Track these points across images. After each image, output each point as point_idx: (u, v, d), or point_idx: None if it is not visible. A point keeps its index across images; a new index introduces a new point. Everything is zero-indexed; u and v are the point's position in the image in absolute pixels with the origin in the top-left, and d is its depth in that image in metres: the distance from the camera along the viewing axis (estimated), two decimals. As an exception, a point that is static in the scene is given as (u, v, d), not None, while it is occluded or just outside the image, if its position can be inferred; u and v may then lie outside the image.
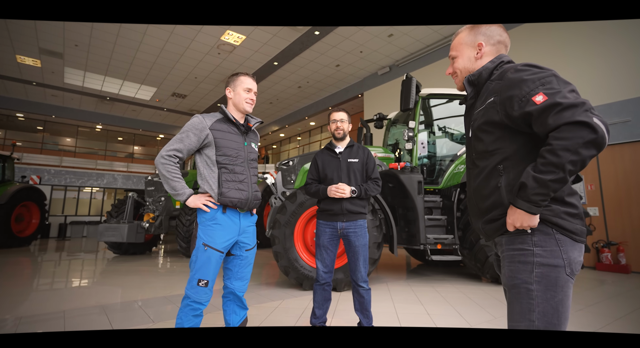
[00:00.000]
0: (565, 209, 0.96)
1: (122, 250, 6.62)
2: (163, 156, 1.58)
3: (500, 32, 1.15)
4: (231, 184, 1.63)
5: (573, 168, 0.86)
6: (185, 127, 1.63)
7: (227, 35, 8.38)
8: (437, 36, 8.19)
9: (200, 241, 1.58)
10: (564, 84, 0.92)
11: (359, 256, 2.13)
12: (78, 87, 11.81)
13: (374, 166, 2.27)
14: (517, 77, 0.98)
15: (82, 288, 4.13)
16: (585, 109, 0.85)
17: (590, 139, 0.83)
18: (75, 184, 13.39)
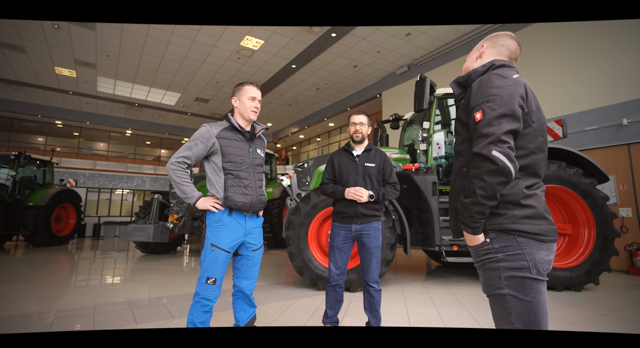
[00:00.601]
0: (522, 213, 0.99)
1: (149, 249, 6.98)
2: (173, 163, 1.70)
3: (507, 39, 1.17)
4: (236, 189, 1.72)
5: (484, 193, 0.95)
6: (194, 136, 1.75)
7: (246, 40, 8.61)
8: (457, 33, 8.02)
9: (208, 242, 1.69)
10: (504, 105, 0.96)
11: (372, 257, 2.16)
12: (109, 94, 12.52)
13: (392, 171, 2.28)
14: (477, 85, 1.05)
15: (114, 285, 4.41)
16: (489, 142, 0.93)
17: (492, 170, 0.92)
18: (107, 187, 14.19)
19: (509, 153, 0.93)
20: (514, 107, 0.96)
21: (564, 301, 3.30)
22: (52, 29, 8.07)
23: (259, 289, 3.80)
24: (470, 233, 1.03)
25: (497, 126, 0.94)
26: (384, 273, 3.55)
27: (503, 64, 1.11)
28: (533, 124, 1.03)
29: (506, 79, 1.01)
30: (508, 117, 0.95)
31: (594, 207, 3.77)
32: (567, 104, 6.06)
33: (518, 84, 1.01)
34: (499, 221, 1.00)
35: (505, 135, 0.94)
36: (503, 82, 1.00)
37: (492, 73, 1.05)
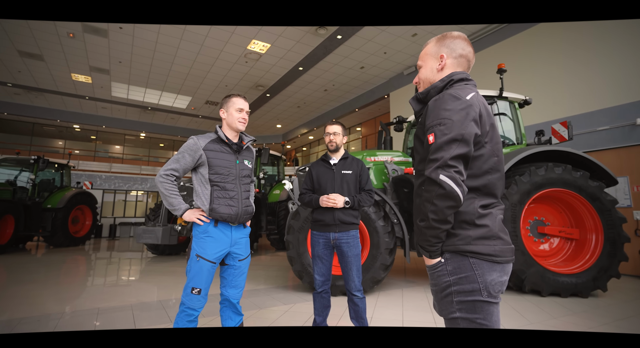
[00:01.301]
0: (477, 233, 0.98)
1: (159, 251, 7.17)
2: (161, 175, 1.74)
3: (464, 46, 1.12)
4: (222, 200, 1.76)
5: (435, 217, 0.95)
6: (182, 148, 1.78)
7: (253, 44, 8.72)
8: (464, 33, 7.88)
9: (194, 252, 1.73)
10: (454, 130, 0.95)
11: (352, 266, 2.18)
12: (123, 99, 12.89)
13: (368, 178, 2.35)
14: (432, 106, 1.03)
15: (124, 287, 4.56)
16: (438, 166, 0.93)
17: (440, 194, 0.93)
18: (122, 188, 14.61)
19: (456, 178, 0.92)
20: (464, 132, 0.95)
21: (567, 309, 3.22)
22: (68, 37, 8.38)
23: (260, 292, 3.86)
24: (428, 256, 1.03)
25: (447, 151, 0.94)
26: (383, 277, 3.55)
27: (461, 79, 1.08)
28: (486, 145, 1.01)
29: (459, 101, 0.98)
30: (458, 142, 0.94)
31: (601, 211, 3.66)
32: (577, 104, 5.88)
33: (471, 106, 0.98)
34: (454, 242, 1.00)
35: (453, 160, 0.93)
36: (456, 104, 0.98)
37: (447, 93, 1.02)
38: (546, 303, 3.40)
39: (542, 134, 4.47)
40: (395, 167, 4.36)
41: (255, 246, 9.28)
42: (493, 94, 4.32)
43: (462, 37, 1.13)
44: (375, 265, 3.48)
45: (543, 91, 6.31)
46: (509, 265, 1.01)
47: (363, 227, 3.60)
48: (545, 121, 6.18)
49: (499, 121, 4.39)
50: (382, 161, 4.52)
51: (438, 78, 1.13)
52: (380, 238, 3.50)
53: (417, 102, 1.17)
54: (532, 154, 3.87)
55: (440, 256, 1.02)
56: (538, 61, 6.41)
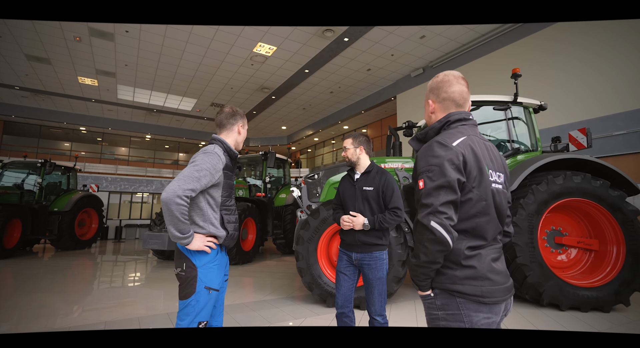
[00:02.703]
0: (463, 273, 1.01)
1: (165, 256, 7.13)
2: (181, 197, 1.38)
3: (447, 88, 1.15)
4: (231, 225, 1.63)
5: (426, 259, 1.00)
6: (204, 164, 1.48)
7: (259, 47, 8.65)
8: (474, 34, 7.75)
9: (202, 285, 1.49)
10: (441, 176, 0.99)
11: (373, 289, 2.05)
12: (129, 101, 12.91)
13: (393, 193, 2.09)
14: (422, 153, 1.08)
15: (131, 297, 4.50)
16: (429, 212, 0.98)
17: (431, 239, 0.97)
18: (128, 190, 14.64)
19: (445, 224, 0.96)
20: (450, 179, 0.99)
21: (587, 324, 3.09)
22: (74, 41, 8.38)
23: (267, 304, 3.78)
24: (418, 289, 1.10)
25: (436, 197, 0.98)
26: (395, 290, 3.45)
27: (458, 119, 1.12)
28: (474, 190, 1.04)
29: (445, 149, 1.03)
30: (445, 188, 0.99)
31: (623, 222, 3.52)
32: (593, 108, 5.72)
33: (456, 153, 1.02)
34: (441, 280, 1.05)
35: (443, 206, 0.98)
36: (441, 152, 1.02)
37: (434, 140, 1.07)
38: (566, 318, 3.27)
39: (558, 140, 4.33)
40: (406, 174, 4.25)
41: (260, 249, 9.21)
42: (507, 100, 4.20)
43: (446, 79, 1.15)
44: (388, 277, 3.37)
45: (557, 94, 6.15)
46: (498, 306, 1.03)
47: (375, 238, 3.50)
48: (558, 124, 6.03)
49: (512, 127, 4.27)
50: (392, 168, 4.41)
51: (433, 121, 1.20)
52: (392, 250, 3.39)
53: (417, 142, 1.22)
54: (547, 163, 3.74)
55: (429, 290, 1.08)
56: (552, 62, 6.26)
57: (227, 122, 1.71)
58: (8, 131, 14.61)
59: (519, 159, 4.10)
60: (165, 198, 1.38)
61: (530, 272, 3.43)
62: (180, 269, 1.53)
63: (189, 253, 1.51)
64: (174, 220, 1.40)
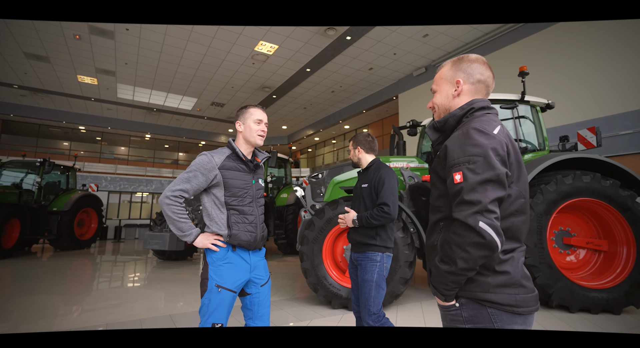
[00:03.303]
0: (496, 280, 0.90)
1: (166, 256, 7.05)
2: (169, 197, 1.51)
3: (483, 70, 1.04)
4: (241, 226, 1.58)
5: (465, 265, 0.86)
6: (193, 165, 1.55)
7: (260, 45, 8.58)
8: (477, 33, 7.70)
9: (213, 283, 1.51)
10: (487, 169, 0.87)
11: (362, 290, 1.95)
12: (129, 100, 12.83)
13: (382, 188, 1.98)
14: (456, 142, 0.94)
15: (132, 298, 4.43)
16: (476, 211, 0.84)
17: (477, 242, 0.84)
18: (128, 190, 14.56)
19: (496, 226, 0.84)
20: (499, 173, 0.87)
21: (598, 326, 3.03)
22: (74, 39, 8.30)
23: (271, 305, 3.70)
24: (442, 299, 0.96)
25: (483, 193, 0.85)
26: (402, 292, 3.38)
27: (482, 107, 1.01)
28: (513, 185, 0.93)
29: (487, 137, 0.90)
30: (493, 183, 0.86)
31: (633, 222, 3.47)
32: (599, 107, 5.67)
33: (500, 143, 0.90)
34: (470, 288, 0.92)
35: (492, 204, 0.85)
36: (483, 140, 0.89)
37: (472, 127, 0.93)
38: (576, 320, 3.21)
39: (566, 139, 4.28)
40: (411, 174, 4.19)
41: (262, 250, 9.14)
42: (514, 98, 4.14)
43: (480, 60, 1.05)
44: (395, 278, 3.31)
45: (562, 93, 6.10)
46: (532, 316, 0.92)
47: (381, 239, 3.43)
48: (564, 124, 5.97)
49: (519, 126, 4.21)
50: (397, 167, 4.35)
51: (455, 105, 1.06)
52: (399, 251, 3.33)
53: (435, 131, 1.09)
54: (556, 162, 3.68)
55: (454, 300, 0.95)
56: (556, 61, 6.21)
57: (235, 125, 1.73)
58: (6, 130, 14.51)
59: (527, 158, 4.04)
60: (159, 201, 1.55)
61: (540, 273, 3.37)
62: (202, 267, 1.62)
63: (206, 252, 1.59)
64: (169, 219, 1.53)
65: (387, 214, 1.90)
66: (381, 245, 1.97)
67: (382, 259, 1.96)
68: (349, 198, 3.61)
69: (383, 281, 1.96)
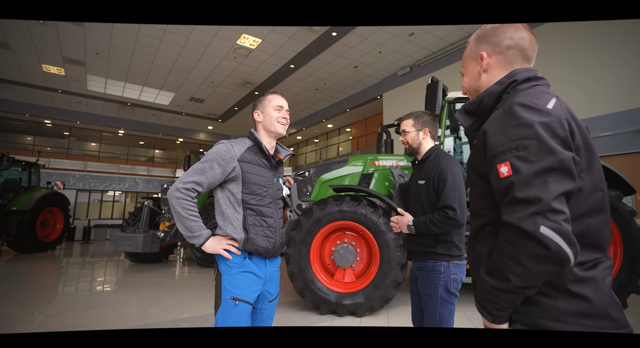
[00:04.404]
0: (570, 306, 0.67)
1: (139, 259, 6.62)
2: (179, 189, 1.29)
3: (511, 33, 0.83)
4: (258, 229, 1.37)
5: (522, 283, 0.65)
6: (209, 155, 1.35)
7: (242, 39, 8.26)
8: (462, 34, 7.73)
9: (228, 295, 1.30)
10: (545, 154, 0.64)
11: (426, 307, 1.63)
12: (100, 93, 12.08)
13: (444, 188, 1.60)
14: (498, 123, 0.72)
15: (101, 304, 4.05)
16: (535, 212, 0.62)
17: (539, 254, 0.62)
18: (98, 188, 13.75)
19: (565, 231, 0.61)
20: (562, 157, 0.64)
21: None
22: (38, 25, 7.65)
23: (255, 311, 3.47)
24: (490, 320, 0.75)
25: (542, 188, 0.63)
26: (394, 295, 3.24)
27: (528, 78, 0.79)
28: (584, 175, 0.70)
29: (539, 112, 0.67)
30: (556, 172, 0.64)
31: (619, 222, 3.49)
32: (578, 109, 5.79)
33: (559, 119, 0.67)
34: (531, 312, 0.70)
35: (557, 201, 0.62)
36: (535, 117, 0.67)
37: (516, 104, 0.70)
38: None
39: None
40: (401, 172, 4.06)
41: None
42: (504, 97, 4.11)
43: (506, 24, 0.84)
44: (386, 282, 3.16)
45: (544, 95, 6.19)
46: None
47: (372, 241, 3.27)
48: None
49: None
50: (387, 166, 4.22)
51: (484, 84, 0.87)
52: (391, 253, 3.18)
53: (467, 115, 0.88)
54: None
55: (507, 323, 0.74)
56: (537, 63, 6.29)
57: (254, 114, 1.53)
58: (-39, 122, 13.35)
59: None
60: (168, 194, 1.32)
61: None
62: (215, 277, 1.42)
63: (218, 258, 1.39)
64: (177, 215, 1.32)
65: (453, 220, 1.53)
66: (444, 253, 1.62)
67: (446, 269, 1.61)
68: (338, 197, 3.43)
69: (452, 297, 1.60)
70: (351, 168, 4.16)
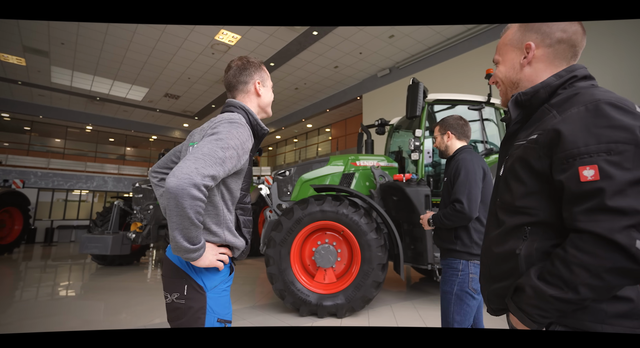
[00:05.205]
0: (614, 309, 0.67)
1: (107, 261, 6.25)
2: (198, 186, 0.88)
3: (565, 25, 0.79)
4: (247, 232, 1.17)
5: (591, 294, 0.62)
6: (232, 139, 0.99)
7: (221, 34, 8.04)
8: (440, 38, 7.92)
9: (214, 318, 1.05)
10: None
11: (441, 303, 1.66)
12: (66, 87, 11.38)
13: (457, 181, 1.66)
14: (582, 121, 0.67)
15: (60, 312, 3.77)
16: (631, 225, 0.58)
17: (624, 268, 0.59)
18: (63, 187, 12.95)
19: None
20: None
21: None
22: (-5, 9, 7.06)
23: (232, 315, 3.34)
24: (529, 326, 0.72)
25: (638, 199, 0.59)
26: (374, 295, 3.23)
27: (587, 76, 0.77)
28: None
29: (633, 116, 0.64)
30: None
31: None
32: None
33: None
34: (577, 315, 0.69)
35: None
36: (631, 120, 0.63)
37: (605, 103, 0.66)
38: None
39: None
40: (382, 173, 4.08)
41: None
42: (481, 100, 4.22)
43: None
44: (367, 282, 3.15)
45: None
46: None
47: (354, 241, 3.25)
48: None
49: (484, 128, 4.30)
50: (368, 166, 4.22)
51: (525, 77, 0.82)
52: (372, 253, 3.17)
53: (517, 107, 0.82)
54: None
55: (544, 327, 0.72)
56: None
57: (236, 80, 1.17)
58: None
59: (491, 159, 4.12)
60: (176, 187, 0.86)
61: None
62: (177, 295, 1.03)
63: (192, 270, 1.04)
64: (184, 223, 0.89)
65: (460, 212, 1.58)
66: (463, 250, 1.64)
67: (465, 268, 1.62)
68: (319, 197, 3.38)
69: (467, 296, 1.59)
70: (332, 167, 4.13)
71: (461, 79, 7.51)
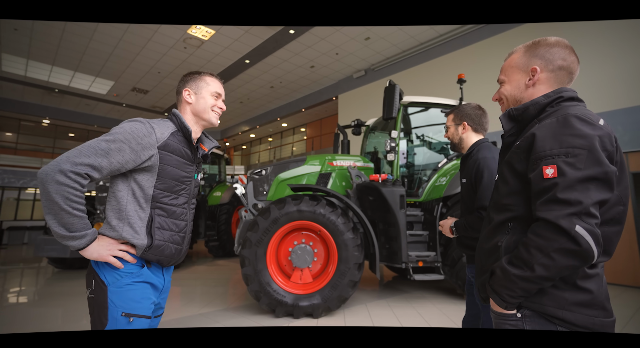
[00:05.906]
0: (575, 297, 0.79)
1: (66, 265, 5.83)
2: (65, 172, 0.94)
3: (565, 54, 0.93)
4: (166, 234, 1.14)
5: (545, 273, 0.75)
6: (120, 134, 1.05)
7: (194, 28, 7.77)
8: (413, 42, 8.14)
9: (118, 312, 1.05)
10: (592, 164, 0.75)
11: (484, 311, 1.55)
12: (20, 76, 10.51)
13: (480, 185, 1.47)
14: (551, 130, 0.82)
15: (10, 320, 3.46)
16: (573, 213, 0.73)
17: (569, 249, 0.73)
18: (15, 185, 11.96)
19: (597, 234, 0.72)
20: (608, 170, 0.74)
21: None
22: (-63, -13, 6.37)
23: (205, 319, 3.23)
24: (502, 306, 0.85)
25: (584, 193, 0.73)
26: (350, 295, 3.24)
27: (572, 97, 0.90)
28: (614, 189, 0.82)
29: (592, 127, 0.77)
30: (597, 182, 0.74)
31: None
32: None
33: (609, 135, 0.78)
34: (541, 300, 0.81)
35: (595, 207, 0.74)
36: (588, 130, 0.76)
37: (572, 116, 0.80)
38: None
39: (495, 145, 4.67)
40: (358, 173, 4.12)
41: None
42: (453, 104, 4.37)
43: (562, 44, 0.94)
44: (344, 281, 3.16)
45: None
46: None
47: (330, 240, 3.25)
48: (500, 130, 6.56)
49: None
50: (344, 166, 4.25)
51: (528, 96, 0.96)
52: (349, 253, 3.19)
53: (509, 120, 0.97)
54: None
55: (515, 309, 0.84)
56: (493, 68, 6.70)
57: (177, 90, 1.32)
58: None
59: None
60: (42, 172, 0.95)
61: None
62: (89, 290, 1.10)
63: (96, 266, 1.09)
64: (51, 206, 0.95)
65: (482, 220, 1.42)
66: None
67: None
68: (297, 197, 3.35)
69: None
70: (309, 167, 4.11)
71: (434, 82, 7.76)
